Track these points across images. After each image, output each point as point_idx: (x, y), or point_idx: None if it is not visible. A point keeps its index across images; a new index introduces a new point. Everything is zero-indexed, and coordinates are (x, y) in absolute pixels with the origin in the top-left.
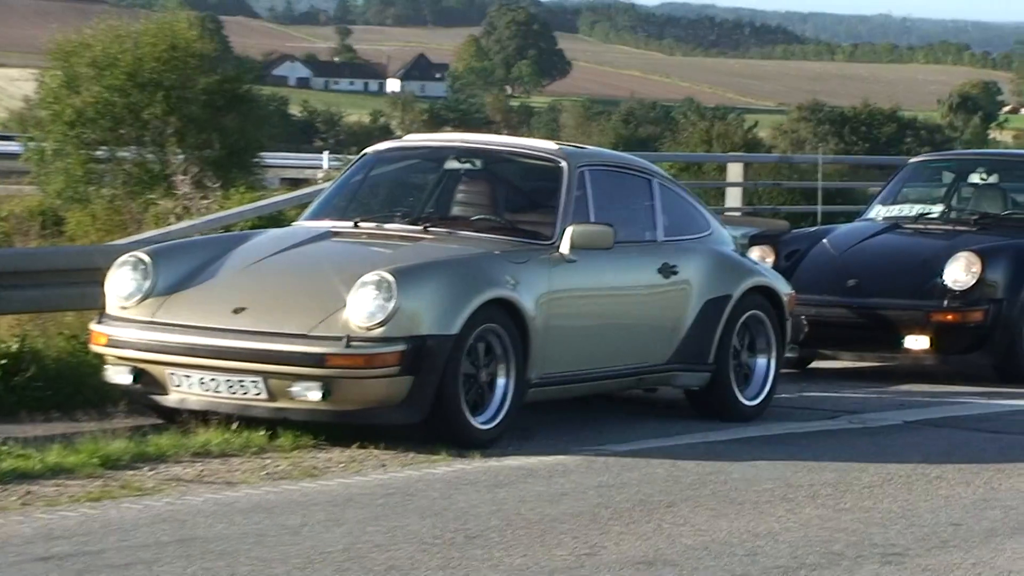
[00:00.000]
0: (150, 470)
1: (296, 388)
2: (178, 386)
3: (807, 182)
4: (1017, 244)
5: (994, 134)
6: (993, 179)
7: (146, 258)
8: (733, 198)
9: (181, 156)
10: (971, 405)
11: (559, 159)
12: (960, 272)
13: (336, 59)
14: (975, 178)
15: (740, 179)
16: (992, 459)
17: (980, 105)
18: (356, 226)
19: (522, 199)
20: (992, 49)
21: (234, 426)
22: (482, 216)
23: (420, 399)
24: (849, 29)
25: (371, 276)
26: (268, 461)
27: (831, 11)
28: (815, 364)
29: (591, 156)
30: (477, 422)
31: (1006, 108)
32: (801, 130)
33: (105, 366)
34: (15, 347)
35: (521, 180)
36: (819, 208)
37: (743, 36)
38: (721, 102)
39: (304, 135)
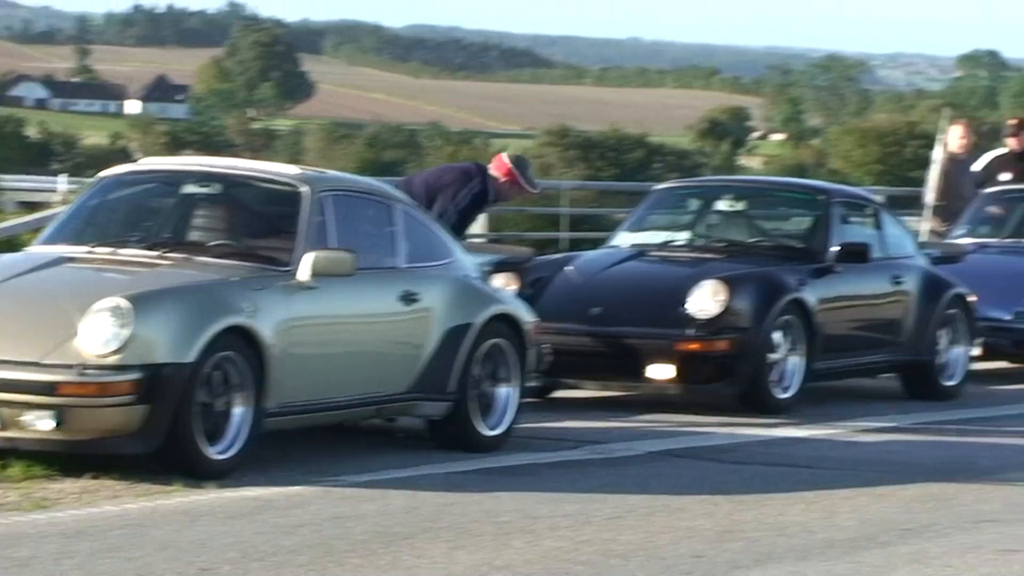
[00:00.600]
0: None
1: (27, 417)
2: None
3: (553, 208)
4: (763, 272)
5: (744, 160)
6: (740, 206)
7: None
8: (477, 224)
9: None
10: (715, 435)
11: (299, 184)
12: (705, 300)
13: (75, 79)
14: (722, 205)
15: None
16: (735, 490)
17: (730, 130)
18: (91, 251)
19: (261, 224)
20: (742, 74)
21: None
22: (220, 242)
23: (155, 428)
24: (598, 52)
25: (106, 302)
26: None
27: (580, 34)
28: (558, 393)
29: (332, 181)
30: (213, 452)
31: (756, 134)
32: (548, 155)
33: None
34: None
35: (260, 205)
36: (564, 235)
37: (490, 59)
38: (467, 126)
39: (41, 157)
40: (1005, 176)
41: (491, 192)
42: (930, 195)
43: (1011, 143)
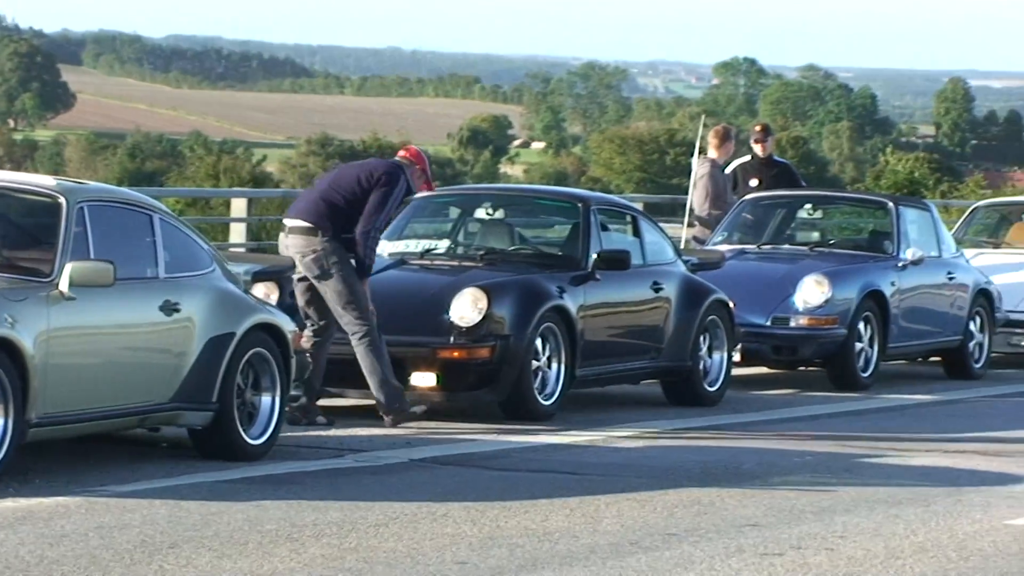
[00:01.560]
0: None
1: None
2: None
3: None
4: (523, 280)
5: (505, 168)
6: (499, 214)
7: None
8: (238, 234)
9: None
10: (479, 443)
11: (57, 195)
12: (466, 308)
13: None
14: (481, 213)
15: (244, 214)
16: (498, 496)
17: (491, 139)
18: None
19: (20, 235)
20: (502, 82)
21: None
22: None
23: None
24: (358, 62)
25: None
26: None
27: (340, 44)
28: (322, 402)
29: (91, 192)
30: None
31: (517, 142)
32: (310, 164)
33: None
34: None
35: (19, 216)
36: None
37: (251, 69)
38: (229, 136)
39: None
40: (753, 182)
41: (412, 186)
42: (692, 201)
43: (757, 149)
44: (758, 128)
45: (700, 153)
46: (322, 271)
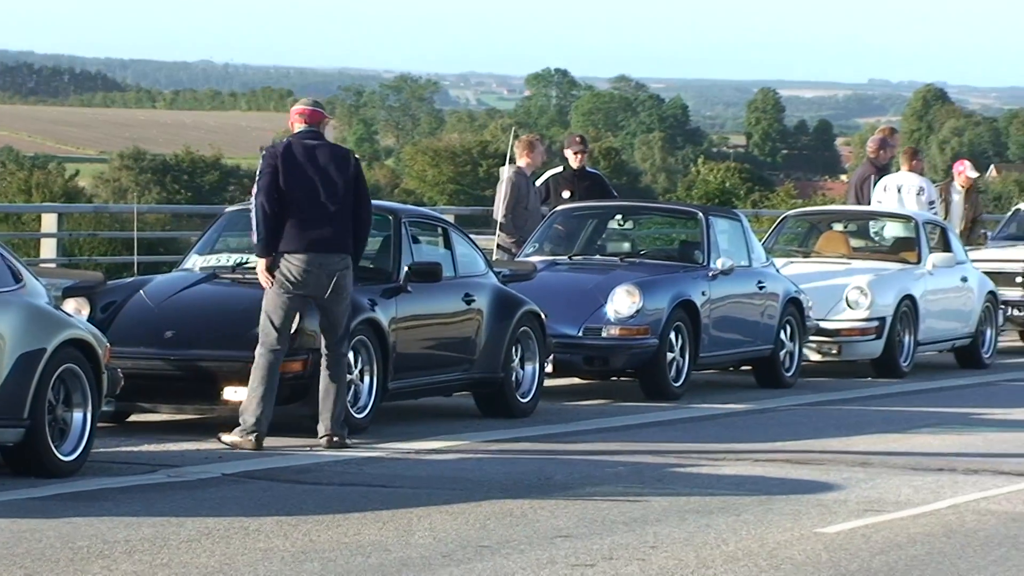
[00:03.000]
0: None
1: None
2: None
3: (127, 232)
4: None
5: None
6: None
7: None
8: (48, 249)
9: None
10: (292, 456)
11: None
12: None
13: None
14: None
15: (55, 229)
16: (311, 511)
17: None
18: None
19: None
20: (315, 95)
21: None
22: None
23: None
24: (170, 76)
25: None
26: None
27: (152, 58)
28: (134, 417)
29: None
30: None
31: None
32: (123, 178)
33: None
34: None
35: None
36: (136, 258)
37: (63, 83)
38: (41, 150)
39: None
40: (565, 194)
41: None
42: (499, 212)
43: (573, 160)
44: (577, 139)
45: (510, 163)
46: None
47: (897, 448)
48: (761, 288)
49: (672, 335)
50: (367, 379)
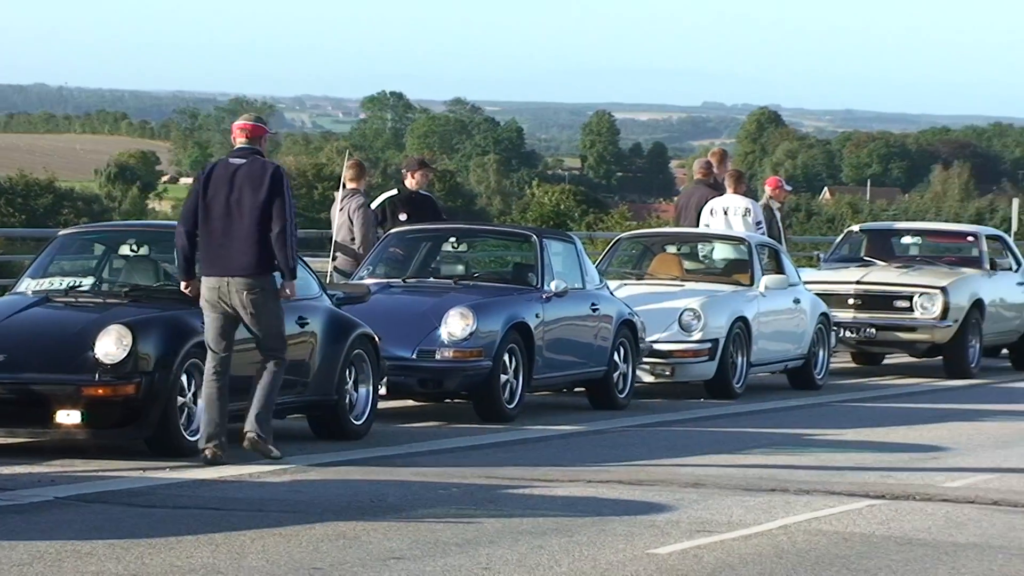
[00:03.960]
0: None
1: None
2: None
3: None
4: (169, 316)
5: (153, 204)
6: (144, 251)
7: None
8: None
9: None
10: (124, 480)
11: None
12: (111, 345)
13: None
14: (126, 250)
15: None
16: (144, 534)
17: (139, 175)
18: None
19: None
20: (151, 118)
21: None
22: None
23: None
24: (4, 99)
25: None
26: None
27: None
28: None
29: None
30: None
31: (165, 178)
32: None
33: None
34: None
35: None
36: None
37: None
38: None
39: None
40: (402, 216)
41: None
42: (339, 234)
43: (410, 182)
44: (418, 160)
45: (343, 187)
46: None
47: (729, 469)
48: (595, 310)
49: (506, 357)
50: (200, 402)
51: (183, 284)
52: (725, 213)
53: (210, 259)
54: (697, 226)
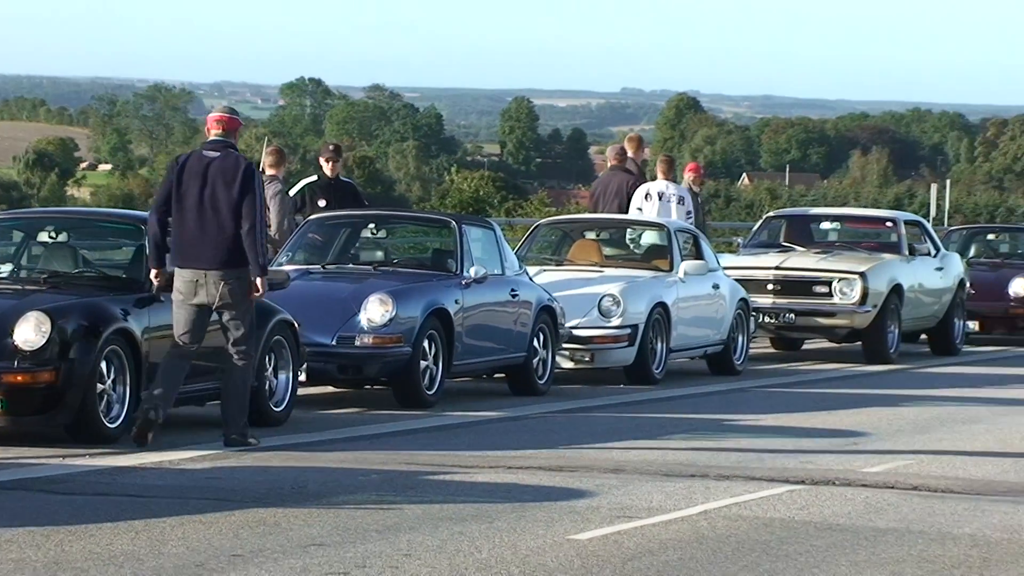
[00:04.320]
0: None
1: None
2: None
3: None
4: (87, 303)
5: (72, 191)
6: (63, 237)
7: None
8: None
9: None
10: (45, 467)
11: None
12: (30, 332)
13: None
14: (44, 236)
15: None
16: (65, 521)
17: (57, 161)
18: None
19: None
20: (69, 104)
21: None
22: None
23: None
24: None
25: None
26: None
27: None
28: None
29: None
30: None
31: (83, 164)
32: None
33: None
34: None
35: None
36: None
37: None
38: None
39: None
40: (321, 203)
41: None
42: (273, 227)
43: (327, 169)
44: (332, 147)
45: (262, 173)
46: None
47: (649, 455)
48: (514, 296)
49: (425, 343)
50: (120, 388)
51: (152, 272)
52: (659, 198)
53: (184, 252)
54: (618, 211)
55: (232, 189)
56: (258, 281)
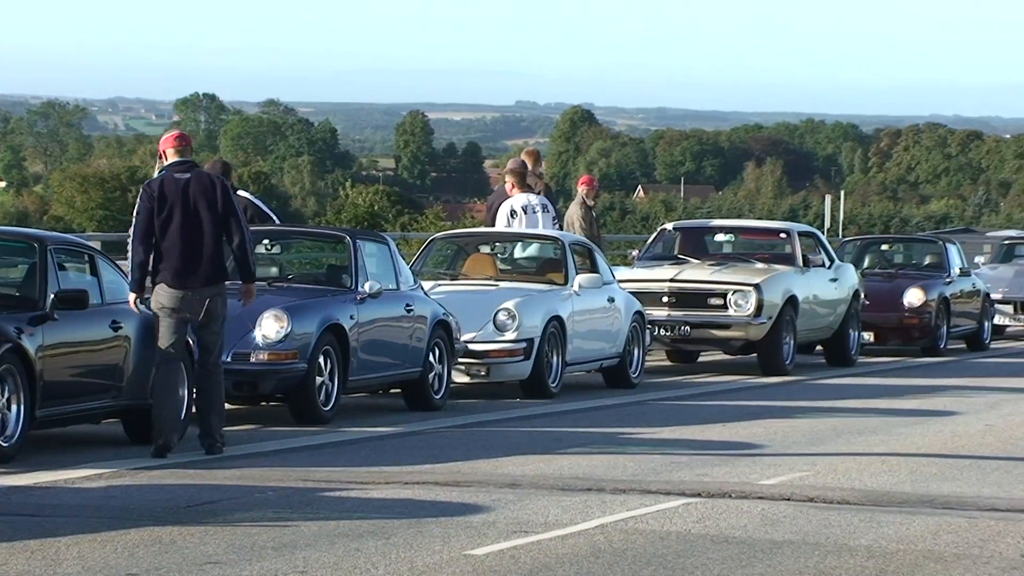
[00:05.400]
0: None
1: None
2: None
3: None
4: None
5: None
6: None
7: None
8: None
9: None
10: None
11: None
12: None
13: None
14: None
15: None
16: None
17: None
18: None
19: None
20: None
21: None
22: None
23: None
24: None
25: None
26: None
27: None
28: None
29: None
30: None
31: None
32: None
33: None
34: None
35: None
36: None
37: None
38: None
39: None
40: None
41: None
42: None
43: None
44: (219, 163)
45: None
46: None
47: (546, 469)
48: (409, 311)
49: (321, 359)
50: (14, 407)
51: (133, 297)
52: (525, 212)
53: (175, 271)
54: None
55: (215, 208)
56: (249, 289)
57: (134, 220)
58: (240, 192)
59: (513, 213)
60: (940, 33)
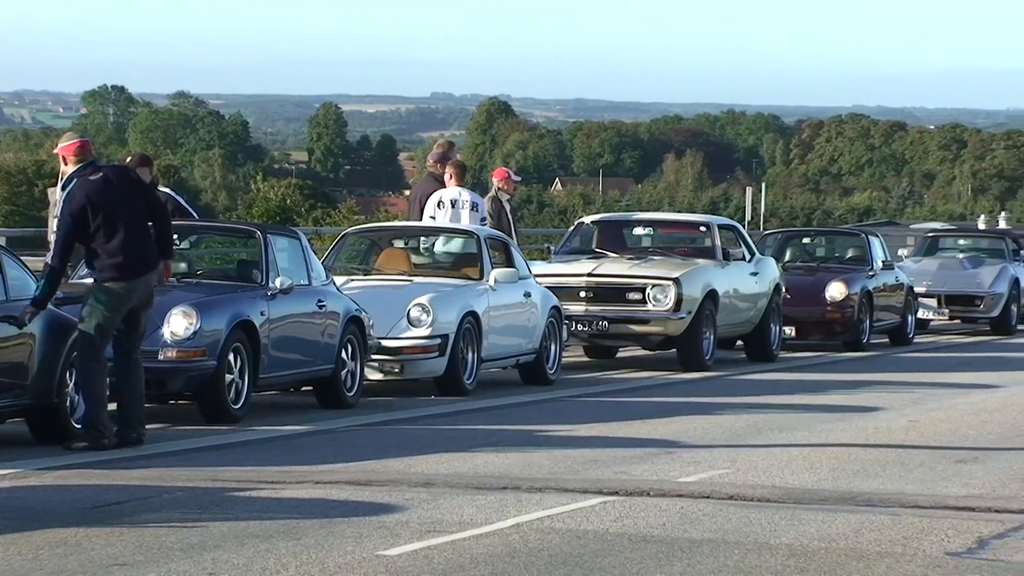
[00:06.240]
0: None
1: None
2: None
3: None
4: None
5: None
6: None
7: None
8: None
9: None
10: None
11: None
12: None
13: None
14: None
15: None
16: None
17: None
18: None
19: None
20: None
21: None
22: None
23: None
24: None
25: None
26: None
27: None
28: None
29: None
30: None
31: None
32: None
33: None
34: None
35: None
36: None
37: None
38: None
39: None
40: None
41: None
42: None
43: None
44: (137, 156)
45: (61, 185)
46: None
47: (460, 467)
48: (321, 307)
49: (231, 356)
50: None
51: (35, 311)
52: (453, 205)
53: (126, 265)
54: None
55: (139, 197)
56: (168, 266)
57: (55, 229)
58: (161, 188)
59: (440, 204)
60: (863, 21)
